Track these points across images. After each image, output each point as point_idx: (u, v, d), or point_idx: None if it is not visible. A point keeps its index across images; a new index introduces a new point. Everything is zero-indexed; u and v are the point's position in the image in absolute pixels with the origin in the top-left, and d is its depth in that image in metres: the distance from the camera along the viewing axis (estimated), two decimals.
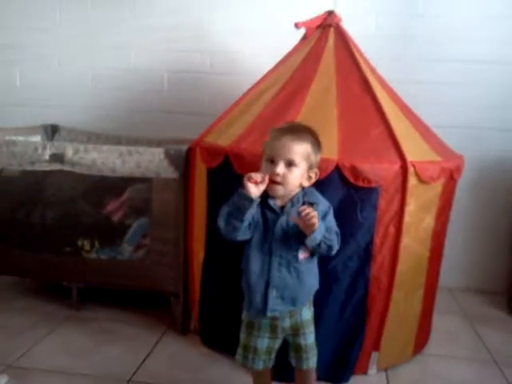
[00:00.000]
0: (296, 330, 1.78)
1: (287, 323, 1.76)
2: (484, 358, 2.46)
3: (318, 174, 1.76)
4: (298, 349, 1.79)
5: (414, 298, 2.28)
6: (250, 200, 1.60)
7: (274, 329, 1.76)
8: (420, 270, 2.25)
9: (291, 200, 1.71)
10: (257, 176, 1.60)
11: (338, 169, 1.97)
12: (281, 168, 1.64)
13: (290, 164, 1.65)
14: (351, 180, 1.98)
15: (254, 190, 1.60)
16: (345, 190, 2.00)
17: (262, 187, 1.62)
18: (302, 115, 2.12)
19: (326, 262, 2.01)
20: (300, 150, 1.65)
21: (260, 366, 1.79)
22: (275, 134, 1.70)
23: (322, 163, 1.83)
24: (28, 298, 2.87)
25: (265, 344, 1.77)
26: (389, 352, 2.26)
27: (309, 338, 1.79)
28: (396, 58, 3.07)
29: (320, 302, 2.05)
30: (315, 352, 1.82)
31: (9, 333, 2.46)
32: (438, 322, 2.66)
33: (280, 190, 1.67)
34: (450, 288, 3.21)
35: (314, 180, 1.75)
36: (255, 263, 1.72)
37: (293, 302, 1.72)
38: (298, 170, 1.66)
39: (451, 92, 3.11)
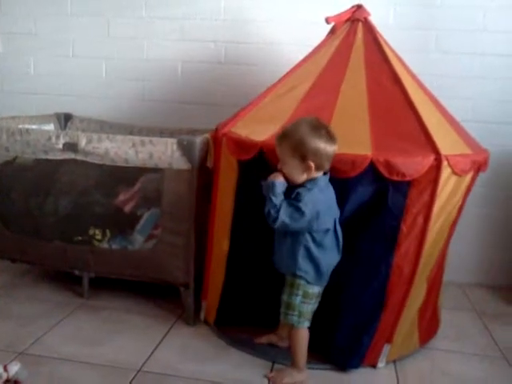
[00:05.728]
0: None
1: None
2: (494, 354, 2.44)
3: (315, 162, 1.92)
4: (281, 302, 2.12)
5: (420, 285, 2.26)
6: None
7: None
8: (431, 259, 2.24)
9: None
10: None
11: (372, 164, 1.98)
12: (280, 165, 2.00)
13: (283, 163, 1.99)
14: (386, 175, 1.99)
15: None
16: (379, 184, 2.03)
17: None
18: (336, 114, 2.15)
19: (352, 241, 2.08)
20: (282, 151, 1.98)
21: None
22: None
23: (358, 159, 1.98)
24: (39, 286, 2.90)
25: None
26: (396, 342, 2.26)
27: (285, 294, 2.08)
28: (414, 50, 3.01)
29: (340, 282, 2.12)
30: (291, 312, 2.07)
31: (20, 320, 2.48)
32: (447, 317, 2.65)
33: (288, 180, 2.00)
34: (460, 284, 3.20)
35: (313, 168, 1.94)
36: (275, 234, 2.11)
37: (284, 266, 2.09)
38: (288, 166, 1.97)
39: (470, 85, 3.08)
